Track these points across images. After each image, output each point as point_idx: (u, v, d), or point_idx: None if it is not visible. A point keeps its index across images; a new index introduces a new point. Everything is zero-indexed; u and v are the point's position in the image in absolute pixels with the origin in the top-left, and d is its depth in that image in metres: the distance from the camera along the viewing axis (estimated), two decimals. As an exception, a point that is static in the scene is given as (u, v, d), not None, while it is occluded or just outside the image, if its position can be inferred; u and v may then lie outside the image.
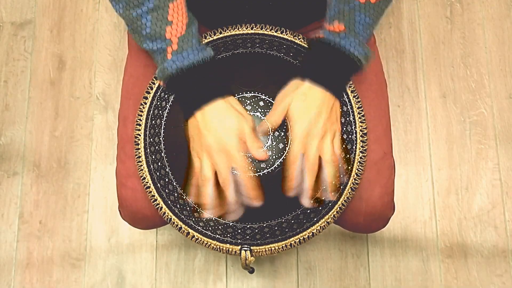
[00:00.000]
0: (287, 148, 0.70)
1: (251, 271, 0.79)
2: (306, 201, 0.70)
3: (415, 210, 1.26)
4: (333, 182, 0.70)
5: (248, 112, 0.72)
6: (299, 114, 0.69)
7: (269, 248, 0.73)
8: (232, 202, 0.69)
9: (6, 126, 1.34)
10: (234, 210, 0.70)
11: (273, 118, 0.70)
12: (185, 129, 0.71)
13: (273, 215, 0.72)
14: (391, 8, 1.39)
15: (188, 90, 0.70)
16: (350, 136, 0.74)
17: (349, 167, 0.74)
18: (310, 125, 0.68)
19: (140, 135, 0.76)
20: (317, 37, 0.72)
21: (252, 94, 0.73)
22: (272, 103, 0.73)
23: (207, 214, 0.70)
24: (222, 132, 0.67)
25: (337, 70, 0.71)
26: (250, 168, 0.68)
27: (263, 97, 0.73)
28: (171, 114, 0.75)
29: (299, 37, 0.78)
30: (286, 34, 0.78)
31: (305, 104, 0.69)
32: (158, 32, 0.70)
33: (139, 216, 0.81)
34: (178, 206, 0.73)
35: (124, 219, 0.85)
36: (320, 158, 0.69)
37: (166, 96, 0.76)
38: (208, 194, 0.68)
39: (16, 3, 1.42)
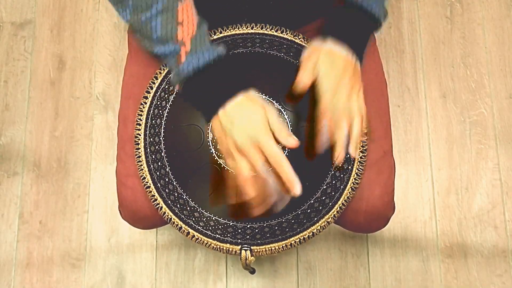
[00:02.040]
0: (315, 106, 0.69)
1: (252, 271, 0.79)
2: (342, 155, 0.69)
3: (415, 210, 1.26)
4: (361, 136, 0.71)
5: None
6: (327, 70, 0.69)
7: (269, 248, 0.73)
8: (276, 194, 0.66)
9: (6, 126, 1.34)
10: (280, 200, 0.67)
11: (304, 77, 0.70)
12: (206, 130, 0.71)
13: (273, 215, 0.72)
14: (391, 8, 1.39)
15: (207, 90, 0.67)
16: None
17: (349, 167, 0.74)
18: (338, 79, 0.69)
19: (140, 135, 0.76)
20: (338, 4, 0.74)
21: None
22: (272, 102, 0.73)
23: (256, 211, 0.67)
24: (250, 127, 0.65)
25: (358, 28, 0.72)
26: (287, 161, 0.65)
27: (264, 96, 0.73)
28: (171, 113, 0.75)
29: (299, 37, 0.78)
30: (286, 34, 0.78)
31: (331, 60, 0.69)
32: (169, 34, 0.68)
33: (139, 216, 0.81)
34: (178, 205, 0.73)
35: (124, 219, 0.85)
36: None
37: (166, 95, 0.76)
38: (254, 192, 0.65)
39: (16, 3, 1.42)
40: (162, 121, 0.75)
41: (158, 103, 0.76)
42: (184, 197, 0.73)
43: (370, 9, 0.72)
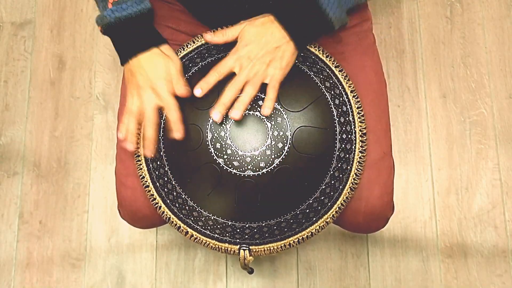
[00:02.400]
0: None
1: (250, 271, 0.79)
2: (235, 113, 0.72)
3: (415, 210, 1.26)
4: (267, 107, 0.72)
5: (247, 111, 0.73)
6: (251, 35, 0.73)
7: (268, 248, 0.73)
8: (148, 138, 0.73)
9: (6, 126, 1.34)
10: (148, 147, 0.74)
11: (227, 32, 0.75)
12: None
13: (272, 215, 0.72)
14: (391, 8, 1.39)
15: (125, 39, 0.75)
16: (349, 136, 0.74)
17: (348, 167, 0.74)
18: (255, 48, 0.72)
19: (139, 135, 0.76)
20: None
21: (251, 94, 0.73)
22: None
23: (126, 145, 0.75)
24: (152, 74, 0.73)
25: (306, 20, 0.73)
26: (177, 108, 0.72)
27: (263, 96, 0.73)
28: (170, 113, 0.75)
29: (298, 37, 0.78)
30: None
31: (260, 30, 0.73)
32: None
33: (138, 215, 0.81)
34: (177, 205, 0.73)
35: (123, 218, 0.86)
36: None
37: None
38: (129, 126, 0.74)
39: (16, 3, 1.43)
40: (162, 120, 0.75)
41: (157, 103, 0.76)
42: (183, 197, 0.73)
43: (324, 6, 0.72)
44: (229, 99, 0.72)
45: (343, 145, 0.73)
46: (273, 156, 0.71)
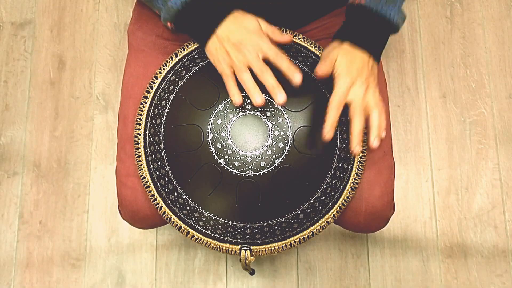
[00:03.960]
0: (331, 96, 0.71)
1: (252, 272, 0.79)
2: (357, 147, 0.70)
3: (415, 210, 1.26)
4: (382, 126, 0.71)
5: (248, 111, 0.73)
6: (346, 65, 0.71)
7: (269, 248, 0.73)
8: (273, 85, 0.69)
9: (6, 126, 1.34)
10: (277, 93, 0.69)
11: (323, 67, 0.72)
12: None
13: (273, 215, 0.72)
14: (391, 8, 1.39)
15: (199, 17, 0.71)
16: (349, 136, 0.74)
17: (349, 167, 0.74)
18: (355, 76, 0.70)
19: (140, 134, 0.76)
20: (357, 3, 0.74)
21: (252, 94, 0.73)
22: (272, 102, 0.73)
23: (257, 100, 0.69)
24: (245, 30, 0.69)
25: (376, 34, 0.73)
26: (283, 54, 0.70)
27: (264, 96, 0.73)
28: (171, 113, 0.75)
29: (299, 37, 0.78)
30: (286, 34, 0.78)
31: (350, 58, 0.71)
32: None
33: (139, 216, 0.81)
34: (178, 205, 0.73)
35: (124, 219, 0.85)
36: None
37: (166, 95, 0.76)
38: (247, 82, 0.70)
39: (16, 3, 1.42)
40: (162, 120, 0.75)
41: (158, 102, 0.76)
42: (183, 197, 0.73)
43: (388, 15, 0.72)
44: (359, 129, 0.70)
45: (343, 145, 0.73)
46: (274, 156, 0.71)
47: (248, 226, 0.72)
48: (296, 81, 0.69)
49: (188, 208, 0.73)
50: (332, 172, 0.73)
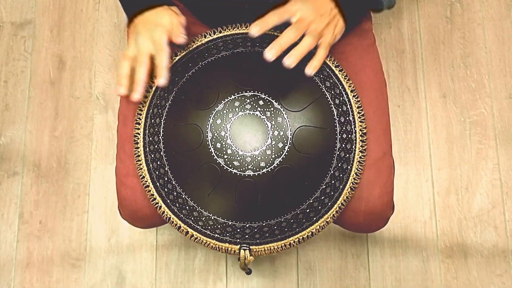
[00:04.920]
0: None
1: (249, 272, 0.79)
2: (290, 60, 0.71)
3: (415, 210, 1.26)
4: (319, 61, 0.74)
5: (247, 110, 0.73)
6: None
7: (268, 248, 0.73)
8: (139, 81, 0.73)
9: (6, 126, 1.34)
10: (137, 90, 0.73)
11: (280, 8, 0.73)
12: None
13: (272, 215, 0.72)
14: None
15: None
16: (349, 136, 0.74)
17: (349, 167, 0.74)
18: (316, 6, 0.72)
19: (139, 134, 0.76)
20: None
21: (252, 93, 0.74)
22: (272, 102, 0.73)
23: (118, 90, 0.74)
24: (153, 23, 0.74)
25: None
26: (167, 55, 0.73)
27: (263, 96, 0.73)
28: (170, 113, 0.75)
29: (298, 37, 0.78)
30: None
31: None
32: None
33: (138, 215, 0.81)
34: (177, 205, 0.73)
35: (123, 218, 0.86)
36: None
37: (165, 95, 0.76)
38: (122, 70, 0.74)
39: (16, 3, 1.43)
40: (162, 120, 0.75)
41: (158, 102, 0.76)
42: (183, 196, 0.73)
43: None
44: (287, 40, 0.71)
45: (343, 145, 0.73)
46: (273, 156, 0.71)
47: (247, 225, 0.72)
48: (159, 83, 0.73)
49: (187, 207, 0.73)
50: (332, 172, 0.73)
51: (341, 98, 0.75)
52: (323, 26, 0.72)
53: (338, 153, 0.73)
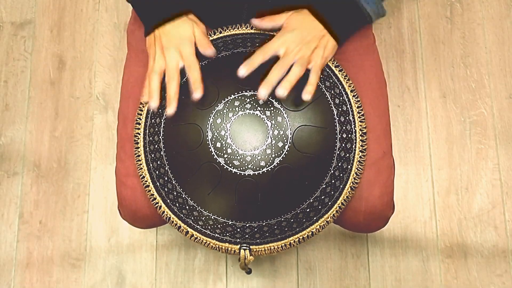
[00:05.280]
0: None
1: (249, 272, 0.79)
2: (281, 91, 0.72)
3: (415, 210, 1.26)
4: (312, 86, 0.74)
5: (247, 110, 0.73)
6: (294, 23, 0.75)
7: (268, 247, 0.73)
8: (171, 96, 0.73)
9: (6, 126, 1.34)
10: (171, 104, 0.73)
11: (274, 18, 0.76)
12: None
13: (272, 214, 0.72)
14: (391, 8, 1.39)
15: (152, 8, 0.77)
16: (349, 135, 0.74)
17: (349, 166, 0.74)
18: (302, 33, 0.74)
19: (139, 134, 0.76)
20: None
21: (252, 93, 0.74)
22: (272, 101, 0.73)
23: (151, 104, 0.74)
24: (177, 35, 0.75)
25: (341, 13, 0.75)
26: (198, 67, 0.74)
27: (265, 97, 0.73)
28: (170, 113, 0.75)
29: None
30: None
31: (305, 18, 0.74)
32: None
33: (138, 215, 0.81)
34: (177, 204, 0.73)
35: (123, 218, 0.86)
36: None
37: (165, 94, 0.76)
38: (152, 85, 0.74)
39: (16, 3, 1.43)
40: (162, 120, 0.75)
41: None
42: (183, 196, 0.73)
43: (362, 3, 0.74)
44: (276, 78, 0.72)
45: (343, 144, 0.73)
46: (273, 155, 0.71)
47: (247, 225, 0.72)
48: (194, 97, 0.72)
49: (187, 207, 0.73)
50: (332, 171, 0.73)
51: (341, 98, 0.75)
52: (310, 53, 0.73)
53: (338, 152, 0.73)
